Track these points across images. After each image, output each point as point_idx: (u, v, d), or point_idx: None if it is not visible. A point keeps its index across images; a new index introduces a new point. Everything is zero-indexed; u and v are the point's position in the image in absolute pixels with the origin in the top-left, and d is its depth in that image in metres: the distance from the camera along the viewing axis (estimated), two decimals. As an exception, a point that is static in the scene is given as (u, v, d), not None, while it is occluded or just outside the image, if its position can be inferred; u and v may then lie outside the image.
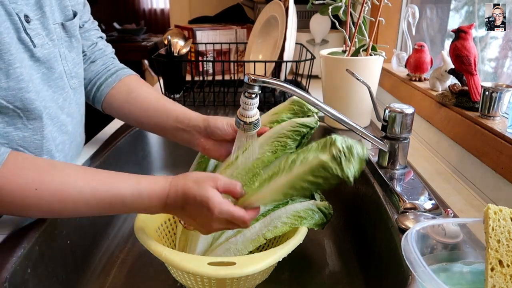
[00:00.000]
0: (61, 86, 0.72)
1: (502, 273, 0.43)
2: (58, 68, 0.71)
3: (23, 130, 0.65)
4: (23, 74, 0.61)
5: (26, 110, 0.63)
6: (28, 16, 0.64)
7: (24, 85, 0.62)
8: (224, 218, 0.58)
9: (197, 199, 0.57)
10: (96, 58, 0.87)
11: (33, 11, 0.66)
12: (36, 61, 0.66)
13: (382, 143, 0.75)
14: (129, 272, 0.77)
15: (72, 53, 0.76)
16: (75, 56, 0.77)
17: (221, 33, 1.63)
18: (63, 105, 0.72)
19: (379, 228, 0.69)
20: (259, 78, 0.60)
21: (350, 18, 0.96)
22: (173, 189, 0.59)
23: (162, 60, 1.23)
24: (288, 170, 0.58)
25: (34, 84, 0.64)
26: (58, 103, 0.71)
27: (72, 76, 0.76)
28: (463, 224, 0.57)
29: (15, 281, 0.53)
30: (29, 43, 0.64)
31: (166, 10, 5.01)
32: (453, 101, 0.84)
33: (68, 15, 0.75)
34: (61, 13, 0.74)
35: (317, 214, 0.71)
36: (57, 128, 0.71)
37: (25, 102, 0.62)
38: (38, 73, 0.66)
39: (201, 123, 0.76)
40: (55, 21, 0.71)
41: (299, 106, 0.73)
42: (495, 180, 0.68)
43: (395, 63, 1.19)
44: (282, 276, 0.74)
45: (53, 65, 0.69)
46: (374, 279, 0.70)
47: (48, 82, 0.69)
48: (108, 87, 0.85)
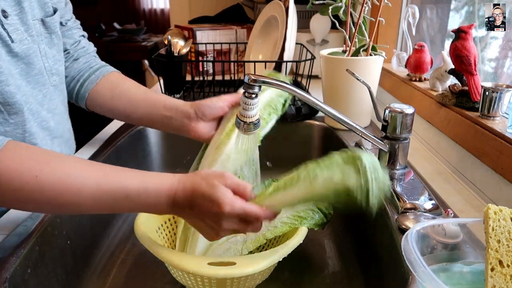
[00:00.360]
0: (41, 82, 0.72)
1: (502, 273, 0.43)
2: (37, 64, 0.71)
3: (4, 125, 0.65)
4: (2, 67, 0.61)
5: (7, 104, 0.63)
6: (6, 11, 0.64)
7: (4, 78, 0.61)
8: (236, 214, 0.54)
9: (206, 195, 0.53)
10: (79, 56, 0.87)
11: (11, 7, 0.66)
12: (14, 56, 0.66)
13: (382, 143, 0.75)
14: (129, 272, 0.77)
15: (52, 50, 0.76)
16: (56, 53, 0.77)
17: (221, 33, 1.63)
18: (42, 101, 0.72)
19: (379, 228, 0.69)
20: (259, 78, 0.60)
21: (350, 18, 0.96)
22: (182, 186, 0.55)
23: (162, 60, 1.23)
24: (309, 184, 0.53)
25: (13, 79, 0.64)
26: (38, 99, 0.71)
27: (53, 73, 0.75)
28: (463, 224, 0.57)
29: (15, 281, 0.53)
30: (6, 38, 0.64)
31: (166, 10, 5.01)
32: (453, 101, 0.84)
33: (48, 12, 0.75)
34: (41, 9, 0.74)
35: (317, 214, 0.71)
36: (38, 123, 0.71)
37: (6, 95, 0.62)
38: (16, 68, 0.66)
39: (189, 107, 0.75)
40: (35, 17, 0.71)
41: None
42: (495, 180, 0.68)
43: (395, 63, 1.19)
44: (282, 276, 0.74)
45: (32, 60, 0.69)
46: (374, 279, 0.70)
47: (27, 77, 0.69)
48: (91, 83, 0.84)
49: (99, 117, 0.89)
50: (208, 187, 0.54)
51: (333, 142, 1.01)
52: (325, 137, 1.07)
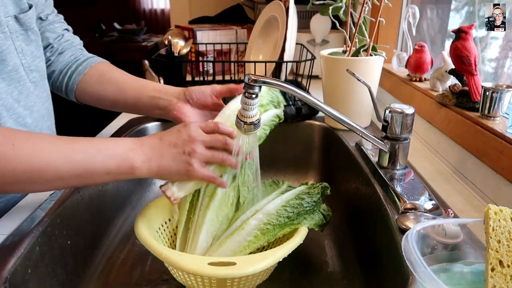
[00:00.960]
0: (16, 79, 0.72)
1: (502, 273, 0.43)
2: (11, 60, 0.70)
3: None
4: None
5: None
6: None
7: None
8: (204, 125, 0.61)
9: (173, 128, 0.60)
10: (64, 49, 0.87)
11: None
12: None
13: (383, 144, 0.74)
14: (129, 272, 0.77)
15: (30, 46, 0.75)
16: (34, 49, 0.77)
17: (221, 33, 1.63)
18: (18, 97, 0.72)
19: (380, 229, 0.69)
20: (259, 78, 0.60)
21: (350, 19, 0.96)
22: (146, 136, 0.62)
23: (162, 60, 1.23)
24: None
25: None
26: (13, 95, 0.71)
27: (32, 70, 0.75)
28: (464, 224, 0.57)
29: (15, 281, 0.53)
30: None
31: (166, 10, 5.02)
32: (453, 102, 0.84)
33: (23, 8, 0.74)
34: (15, 6, 0.73)
35: (317, 215, 0.71)
36: (14, 120, 0.71)
37: None
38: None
39: (180, 90, 0.77)
40: (8, 14, 0.71)
41: (277, 98, 0.76)
42: (496, 180, 0.68)
43: (396, 63, 1.19)
44: (283, 276, 0.74)
45: (5, 57, 0.69)
46: (374, 279, 0.70)
47: (1, 74, 0.69)
48: (79, 74, 0.84)
49: (100, 117, 0.89)
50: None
51: (333, 142, 1.01)
52: (325, 137, 1.07)
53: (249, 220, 0.67)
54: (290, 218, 0.68)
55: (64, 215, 0.67)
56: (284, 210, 0.68)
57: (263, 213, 0.68)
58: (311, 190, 0.73)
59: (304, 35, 1.55)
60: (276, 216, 0.67)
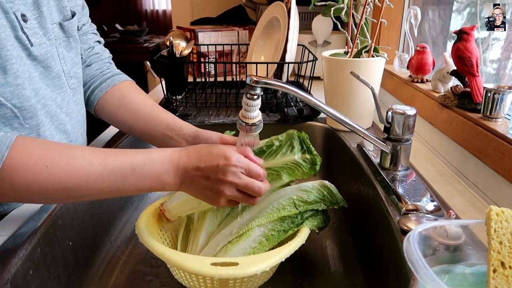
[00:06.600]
0: (59, 85, 0.72)
1: (504, 274, 0.43)
2: (55, 67, 0.71)
3: (19, 130, 0.65)
4: (20, 71, 0.62)
5: (23, 108, 0.64)
6: (25, 15, 0.65)
7: (21, 81, 0.62)
8: (241, 166, 0.59)
9: (213, 150, 0.60)
10: (92, 62, 0.87)
11: (31, 11, 0.67)
12: (34, 60, 0.67)
13: (384, 145, 0.74)
14: (131, 273, 0.77)
15: (70, 53, 0.76)
16: (74, 56, 0.77)
17: (223, 35, 1.64)
18: (61, 104, 0.73)
19: (381, 230, 0.69)
20: (261, 79, 0.60)
21: (352, 20, 0.96)
22: (184, 151, 0.60)
23: (164, 61, 1.23)
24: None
25: (32, 82, 0.65)
26: (57, 102, 0.72)
27: (71, 76, 0.76)
28: (465, 225, 0.57)
29: (17, 282, 0.53)
30: (26, 41, 0.64)
31: (168, 11, 5.02)
32: (455, 103, 0.84)
33: (66, 15, 0.76)
34: (59, 13, 0.74)
35: (317, 216, 0.71)
36: (55, 126, 0.72)
37: (22, 99, 0.63)
38: (35, 71, 0.67)
39: (191, 132, 0.76)
40: (53, 21, 0.72)
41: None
42: (497, 181, 0.68)
43: (397, 64, 1.19)
44: (284, 277, 0.74)
45: (50, 64, 0.70)
46: (376, 280, 0.70)
47: (46, 81, 0.69)
48: (102, 91, 0.85)
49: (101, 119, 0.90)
50: (213, 146, 0.61)
51: (335, 143, 1.01)
52: (327, 138, 1.07)
53: (254, 228, 0.67)
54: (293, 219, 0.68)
55: (66, 216, 0.68)
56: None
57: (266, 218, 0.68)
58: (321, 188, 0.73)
59: (306, 36, 1.55)
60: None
